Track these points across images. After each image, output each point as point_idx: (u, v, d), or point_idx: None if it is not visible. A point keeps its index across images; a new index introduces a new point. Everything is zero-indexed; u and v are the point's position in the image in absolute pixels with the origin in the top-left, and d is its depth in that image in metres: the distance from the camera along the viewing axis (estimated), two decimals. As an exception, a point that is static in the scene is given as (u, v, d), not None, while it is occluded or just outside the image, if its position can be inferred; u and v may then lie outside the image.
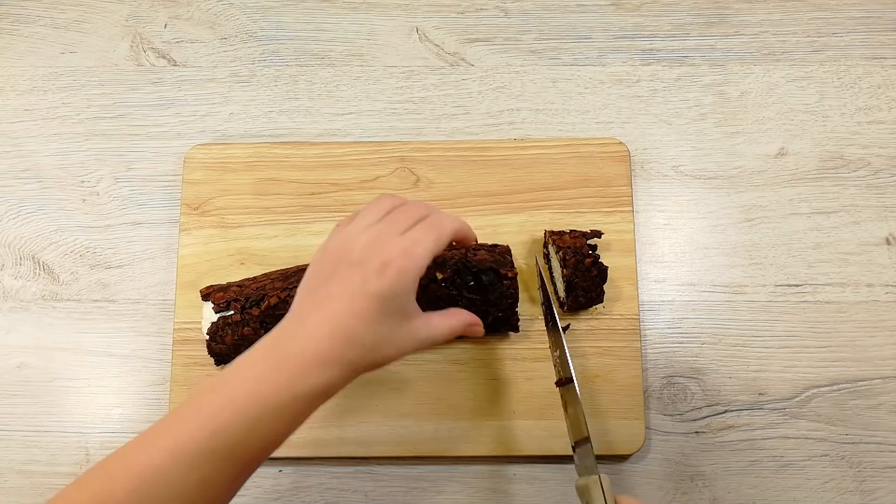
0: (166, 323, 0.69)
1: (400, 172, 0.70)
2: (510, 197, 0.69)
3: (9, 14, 0.77)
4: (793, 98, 0.73)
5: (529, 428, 0.64)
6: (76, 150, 0.73)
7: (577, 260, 0.62)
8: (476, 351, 0.66)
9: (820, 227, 0.70)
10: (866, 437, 0.65)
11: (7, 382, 0.68)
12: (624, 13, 0.76)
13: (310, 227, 0.69)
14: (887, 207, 0.70)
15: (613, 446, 0.64)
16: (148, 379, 0.68)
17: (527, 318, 0.66)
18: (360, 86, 0.75)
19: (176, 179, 0.72)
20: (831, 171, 0.71)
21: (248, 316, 0.62)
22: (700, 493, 0.65)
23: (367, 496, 0.66)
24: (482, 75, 0.75)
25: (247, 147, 0.71)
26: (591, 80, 0.74)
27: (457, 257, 0.62)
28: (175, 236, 0.70)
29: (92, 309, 0.70)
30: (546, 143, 0.70)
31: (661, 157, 0.72)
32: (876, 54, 0.74)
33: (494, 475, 0.66)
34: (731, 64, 0.74)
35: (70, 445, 0.67)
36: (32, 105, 0.75)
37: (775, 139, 0.72)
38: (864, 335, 0.68)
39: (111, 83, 0.75)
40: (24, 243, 0.72)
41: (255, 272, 0.67)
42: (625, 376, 0.65)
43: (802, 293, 0.69)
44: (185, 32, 0.76)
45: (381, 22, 0.76)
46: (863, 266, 0.69)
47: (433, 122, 0.73)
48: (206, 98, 0.75)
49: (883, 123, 0.72)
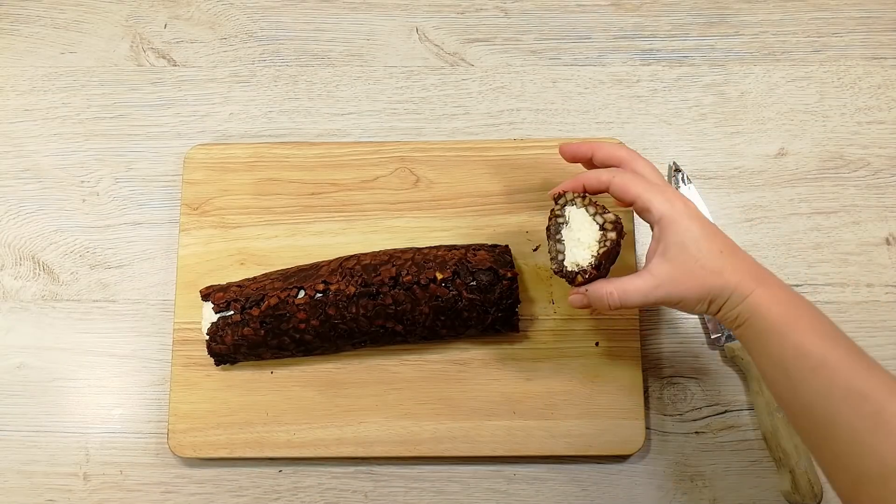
0: (166, 323, 0.69)
1: (400, 172, 0.70)
2: (510, 197, 0.69)
3: (9, 14, 0.77)
4: (793, 98, 0.73)
5: (529, 428, 0.64)
6: (76, 150, 0.73)
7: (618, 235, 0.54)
8: (476, 351, 0.66)
9: (820, 227, 0.70)
10: (866, 437, 0.65)
11: (7, 382, 0.68)
12: (624, 13, 0.76)
13: (310, 227, 0.69)
14: (887, 207, 0.70)
15: (613, 446, 0.64)
16: (148, 379, 0.68)
17: (527, 318, 0.66)
18: (360, 86, 0.75)
19: (176, 179, 0.72)
20: (831, 171, 0.71)
21: (248, 316, 0.62)
22: (700, 493, 0.65)
23: (367, 496, 0.66)
24: (482, 75, 0.75)
25: (247, 147, 0.71)
26: (590, 80, 0.74)
27: (457, 257, 0.62)
28: (175, 236, 0.70)
29: (92, 309, 0.70)
30: (546, 143, 0.70)
31: (661, 157, 0.72)
32: (876, 54, 0.74)
33: (494, 475, 0.66)
34: (731, 64, 0.74)
35: (70, 445, 0.67)
36: (32, 105, 0.75)
37: (775, 139, 0.72)
38: (864, 335, 0.68)
39: (111, 83, 0.75)
40: (24, 243, 0.72)
41: (255, 272, 0.67)
42: (625, 376, 0.65)
43: (802, 293, 0.68)
44: (185, 32, 0.76)
45: (381, 22, 0.76)
46: (863, 266, 0.69)
47: (433, 122, 0.73)
48: (206, 98, 0.75)
49: (883, 123, 0.72)
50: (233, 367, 0.66)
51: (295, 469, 0.66)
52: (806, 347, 0.49)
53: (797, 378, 0.49)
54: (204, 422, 0.65)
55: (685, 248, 0.51)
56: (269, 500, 0.66)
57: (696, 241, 0.51)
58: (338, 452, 0.65)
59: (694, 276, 0.51)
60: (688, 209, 0.52)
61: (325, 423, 0.65)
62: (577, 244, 0.55)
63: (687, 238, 0.51)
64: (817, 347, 0.48)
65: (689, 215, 0.52)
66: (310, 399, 0.66)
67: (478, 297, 0.61)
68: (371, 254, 0.65)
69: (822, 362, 0.48)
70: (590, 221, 0.54)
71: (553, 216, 0.56)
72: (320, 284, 0.62)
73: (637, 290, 0.52)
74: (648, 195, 0.53)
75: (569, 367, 0.65)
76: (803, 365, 0.48)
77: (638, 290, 0.52)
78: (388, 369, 0.66)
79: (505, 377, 0.66)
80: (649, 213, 0.53)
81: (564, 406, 0.65)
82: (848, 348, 0.49)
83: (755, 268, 0.53)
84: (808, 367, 0.48)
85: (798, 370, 0.49)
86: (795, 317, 0.50)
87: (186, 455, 0.65)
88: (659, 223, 0.52)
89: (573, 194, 0.56)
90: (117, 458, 0.67)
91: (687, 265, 0.51)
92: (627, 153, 0.57)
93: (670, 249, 0.52)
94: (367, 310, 0.61)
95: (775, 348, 0.50)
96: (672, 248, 0.52)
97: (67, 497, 0.66)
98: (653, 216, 0.53)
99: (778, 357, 0.50)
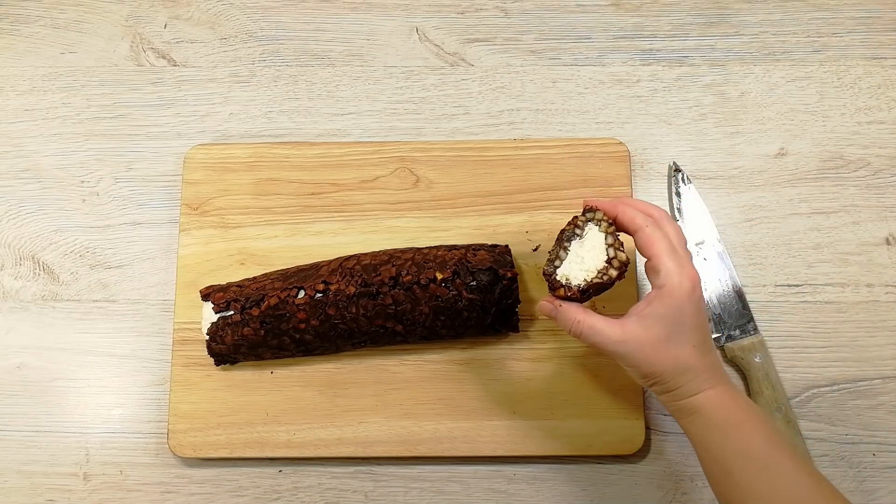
0: (166, 323, 0.69)
1: (400, 172, 0.70)
2: (510, 197, 0.69)
3: (9, 14, 0.77)
4: (793, 98, 0.73)
5: (529, 428, 0.64)
6: (76, 150, 0.73)
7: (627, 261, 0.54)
8: (476, 351, 0.66)
9: (820, 227, 0.70)
10: (866, 438, 0.65)
11: (7, 382, 0.68)
12: (624, 13, 0.76)
13: (310, 227, 0.69)
14: (887, 207, 0.70)
15: (613, 446, 0.64)
16: (148, 379, 0.68)
17: (527, 318, 0.66)
18: (360, 86, 0.75)
19: (176, 179, 0.72)
20: (831, 171, 0.71)
21: (248, 316, 0.62)
22: (700, 493, 0.65)
23: (367, 496, 0.66)
24: (482, 75, 0.75)
25: (247, 147, 0.71)
26: (590, 80, 0.74)
27: (457, 257, 0.62)
28: (175, 236, 0.70)
29: (92, 309, 0.70)
30: (546, 143, 0.70)
31: (661, 157, 0.72)
32: (876, 54, 0.74)
33: (494, 475, 0.66)
34: (731, 64, 0.74)
35: (70, 445, 0.67)
36: (32, 105, 0.75)
37: (775, 139, 0.72)
38: (864, 335, 0.68)
39: (111, 83, 0.75)
40: (24, 243, 0.72)
41: (255, 272, 0.67)
42: (625, 376, 0.65)
43: (802, 293, 0.69)
44: (185, 32, 0.76)
45: (381, 22, 0.76)
46: (863, 266, 0.69)
47: (433, 122, 0.73)
48: (206, 98, 0.75)
49: (883, 123, 0.72)
50: (233, 367, 0.66)
51: (295, 469, 0.66)
52: (750, 448, 0.49)
53: (739, 479, 0.49)
54: (204, 422, 0.65)
55: (666, 325, 0.51)
56: (269, 500, 0.66)
57: (682, 324, 0.51)
58: (338, 452, 0.65)
59: (659, 353, 0.51)
60: (693, 293, 0.51)
61: (325, 423, 0.65)
62: (578, 262, 0.54)
63: (675, 317, 0.51)
64: (761, 451, 0.49)
65: (691, 300, 0.51)
66: (310, 399, 0.66)
67: (478, 297, 0.61)
68: (371, 254, 0.65)
69: (766, 465, 0.48)
70: (601, 249, 0.54)
71: (573, 223, 0.55)
72: (320, 284, 0.62)
73: (603, 334, 0.52)
74: (669, 263, 0.51)
75: (569, 367, 0.65)
76: (746, 466, 0.49)
77: (603, 335, 0.52)
78: (388, 369, 0.66)
79: (505, 377, 0.66)
80: (657, 277, 0.52)
81: (564, 406, 0.65)
82: (791, 454, 0.49)
83: (718, 370, 0.53)
84: (751, 469, 0.49)
85: (739, 471, 0.49)
86: (742, 418, 0.51)
87: (186, 455, 0.65)
88: (660, 291, 0.52)
89: (602, 214, 0.55)
90: (117, 458, 0.67)
91: (659, 340, 0.51)
92: (658, 212, 0.55)
93: (651, 317, 0.51)
94: (367, 310, 0.61)
95: (718, 446, 0.50)
96: (655, 317, 0.51)
97: (67, 497, 0.66)
98: (659, 281, 0.52)
99: (721, 456, 0.50)
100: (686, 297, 0.51)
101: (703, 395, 0.51)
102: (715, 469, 0.51)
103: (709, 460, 0.52)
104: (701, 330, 0.52)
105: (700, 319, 0.52)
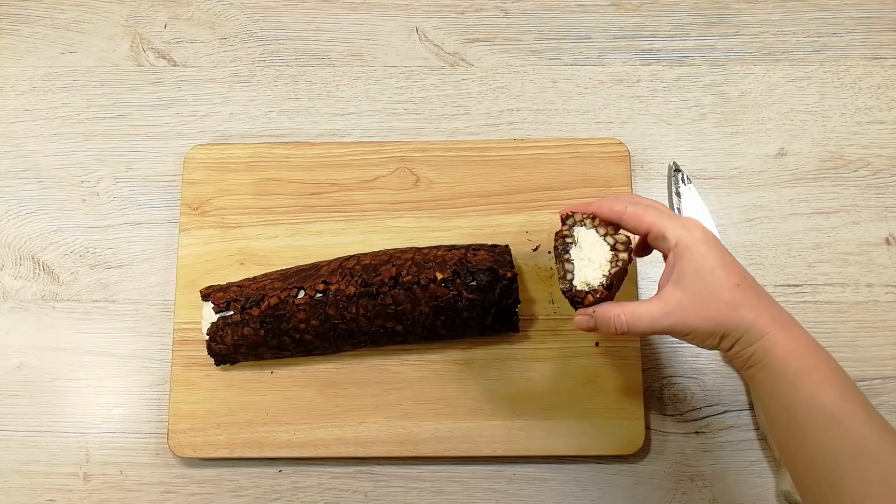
0: (166, 323, 0.69)
1: (400, 172, 0.70)
2: (510, 197, 0.69)
3: (9, 14, 0.77)
4: (793, 98, 0.73)
5: (529, 428, 0.64)
6: (76, 150, 0.73)
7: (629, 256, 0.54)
8: (476, 351, 0.66)
9: (820, 227, 0.70)
10: (866, 437, 0.65)
11: (7, 382, 0.68)
12: (624, 13, 0.76)
13: (310, 227, 0.69)
14: (887, 207, 0.70)
15: (613, 446, 0.64)
16: (148, 379, 0.68)
17: (527, 318, 0.66)
18: (360, 86, 0.75)
19: (176, 179, 0.72)
20: (831, 171, 0.71)
21: (248, 316, 0.62)
22: (700, 493, 0.65)
23: (367, 496, 0.66)
24: (482, 75, 0.75)
25: (247, 147, 0.71)
26: (590, 80, 0.74)
27: (457, 257, 0.62)
28: (175, 236, 0.70)
29: (92, 309, 0.70)
30: (546, 143, 0.70)
31: (661, 157, 0.72)
32: (876, 54, 0.74)
33: (494, 475, 0.66)
34: (731, 64, 0.74)
35: (70, 445, 0.67)
36: (32, 105, 0.75)
37: (775, 139, 0.72)
38: (864, 335, 0.68)
39: (111, 83, 0.75)
40: (24, 243, 0.72)
41: (255, 272, 0.67)
42: (625, 376, 0.65)
43: (802, 293, 0.69)
44: (185, 32, 0.76)
45: (381, 22, 0.76)
46: (863, 266, 0.69)
47: (433, 122, 0.73)
48: (206, 98, 0.75)
49: (883, 123, 0.72)
50: (233, 367, 0.66)
51: (295, 469, 0.66)
52: (820, 399, 0.47)
53: (806, 430, 0.47)
54: (204, 422, 0.65)
55: (700, 277, 0.49)
56: (269, 500, 0.66)
57: (713, 270, 0.49)
58: (338, 452, 0.65)
59: (707, 307, 0.49)
60: (706, 236, 0.50)
61: (325, 423, 0.65)
62: (588, 264, 0.54)
63: (702, 266, 0.49)
64: (831, 401, 0.47)
65: (707, 242, 0.50)
66: (310, 399, 0.66)
67: (478, 297, 0.61)
68: (371, 254, 0.65)
69: (835, 417, 0.46)
70: (601, 242, 0.54)
71: (560, 236, 0.55)
72: (320, 284, 0.62)
73: (646, 315, 0.50)
74: (664, 222, 0.51)
75: (569, 367, 0.66)
76: (814, 417, 0.47)
77: (647, 316, 0.50)
78: (388, 369, 0.66)
79: (505, 377, 0.66)
80: (664, 240, 0.51)
81: (564, 406, 0.65)
82: (863, 405, 0.47)
83: (774, 307, 0.50)
84: (820, 420, 0.47)
85: (808, 422, 0.47)
86: (812, 365, 0.48)
87: (186, 455, 0.65)
88: (674, 250, 0.50)
89: (582, 215, 0.55)
90: (117, 458, 0.67)
91: (701, 295, 0.49)
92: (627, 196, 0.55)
93: (684, 277, 0.49)
94: (367, 310, 0.61)
95: (787, 396, 0.48)
96: (686, 275, 0.49)
97: (67, 497, 0.66)
98: (668, 242, 0.50)
99: (788, 405, 0.48)
100: (703, 242, 0.50)
101: (769, 339, 0.49)
102: (783, 419, 0.49)
103: (777, 410, 0.49)
104: (735, 268, 0.50)
105: (729, 258, 0.50)
